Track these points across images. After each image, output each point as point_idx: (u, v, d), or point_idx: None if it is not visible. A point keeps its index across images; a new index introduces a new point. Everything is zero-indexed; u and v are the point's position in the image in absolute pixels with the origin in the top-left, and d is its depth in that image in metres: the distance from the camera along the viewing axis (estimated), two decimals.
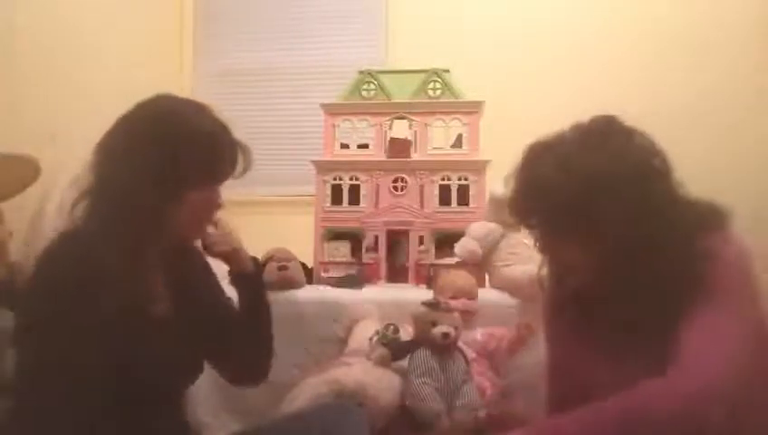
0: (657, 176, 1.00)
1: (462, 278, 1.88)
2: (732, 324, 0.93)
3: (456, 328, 1.60)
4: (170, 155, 1.01)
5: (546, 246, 1.09)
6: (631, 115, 1.05)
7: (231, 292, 1.27)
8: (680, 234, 0.98)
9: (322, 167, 2.17)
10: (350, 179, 2.14)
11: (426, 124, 2.14)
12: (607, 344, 1.06)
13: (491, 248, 1.98)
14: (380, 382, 1.55)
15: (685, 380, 0.90)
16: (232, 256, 1.22)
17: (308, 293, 1.96)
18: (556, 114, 1.12)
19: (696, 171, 1.03)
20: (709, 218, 1.01)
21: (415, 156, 2.15)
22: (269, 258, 1.97)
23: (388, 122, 2.18)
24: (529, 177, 1.04)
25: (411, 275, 2.09)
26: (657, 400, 0.90)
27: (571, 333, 1.14)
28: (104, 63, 2.55)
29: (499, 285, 1.96)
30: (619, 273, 1.00)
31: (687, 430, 0.88)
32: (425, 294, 1.85)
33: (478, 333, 1.77)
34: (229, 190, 1.15)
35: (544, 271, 1.17)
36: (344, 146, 2.19)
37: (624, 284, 1.00)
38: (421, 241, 2.08)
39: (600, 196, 0.96)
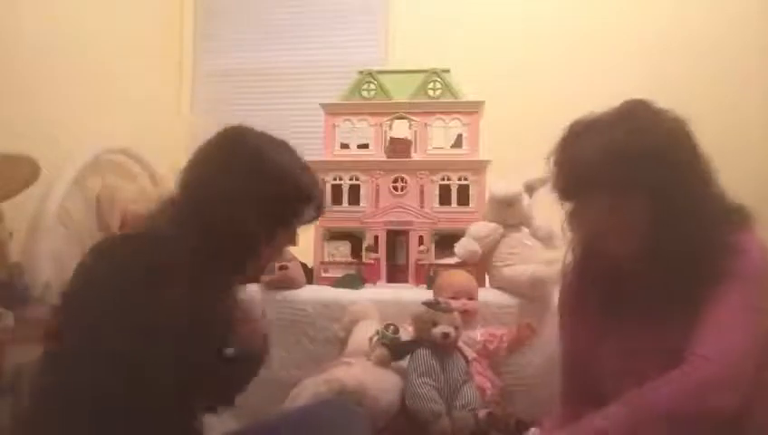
0: (685, 149, 1.05)
1: (462, 278, 1.88)
2: (748, 318, 0.97)
3: (456, 328, 1.60)
4: (277, 195, 1.12)
5: (583, 220, 1.11)
6: None
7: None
8: (709, 213, 1.02)
9: (322, 167, 2.16)
10: (350, 179, 2.14)
11: (426, 124, 2.14)
12: (625, 336, 1.08)
13: (491, 248, 1.98)
14: (380, 382, 1.55)
15: (699, 369, 0.94)
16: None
17: (308, 293, 1.96)
18: (556, 114, 1.13)
19: None
20: (737, 216, 1.05)
21: (415, 156, 2.15)
22: None
23: (389, 122, 2.18)
24: (568, 152, 1.07)
25: (411, 275, 2.08)
26: (672, 389, 0.94)
27: (589, 323, 1.15)
28: (104, 63, 2.55)
29: (499, 285, 1.96)
30: (651, 246, 1.02)
31: (700, 417, 0.92)
32: (425, 294, 1.85)
33: (478, 333, 1.77)
34: None
35: (569, 257, 1.19)
36: (344, 146, 2.19)
37: (653, 261, 1.02)
38: (421, 241, 2.08)
39: (633, 165, 0.99)
